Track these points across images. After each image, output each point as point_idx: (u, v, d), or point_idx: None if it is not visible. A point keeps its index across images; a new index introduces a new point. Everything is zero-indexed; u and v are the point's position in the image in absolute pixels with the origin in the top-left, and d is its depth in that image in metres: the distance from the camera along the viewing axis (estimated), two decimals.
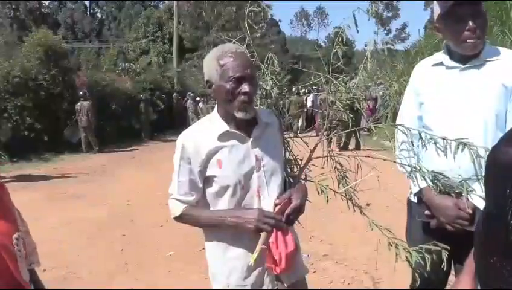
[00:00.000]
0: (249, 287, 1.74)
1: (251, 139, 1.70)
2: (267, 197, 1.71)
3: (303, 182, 1.85)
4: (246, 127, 1.70)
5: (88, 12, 44.75)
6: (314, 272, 3.84)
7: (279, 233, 1.64)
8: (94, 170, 9.91)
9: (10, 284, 1.17)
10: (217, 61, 1.64)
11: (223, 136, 1.67)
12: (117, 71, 18.61)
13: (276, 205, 1.69)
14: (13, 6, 38.22)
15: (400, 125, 1.82)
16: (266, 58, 1.91)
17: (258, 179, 1.70)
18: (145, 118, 15.76)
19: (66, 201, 6.98)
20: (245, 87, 1.60)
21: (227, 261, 1.74)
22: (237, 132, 1.69)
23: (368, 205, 1.83)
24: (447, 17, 1.80)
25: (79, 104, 12.26)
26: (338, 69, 1.89)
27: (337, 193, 1.84)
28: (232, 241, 1.72)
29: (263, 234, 1.64)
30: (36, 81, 12.33)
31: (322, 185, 1.77)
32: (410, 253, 1.70)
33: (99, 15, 45.72)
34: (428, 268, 1.67)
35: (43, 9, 40.03)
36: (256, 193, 1.70)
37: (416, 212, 1.96)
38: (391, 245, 1.73)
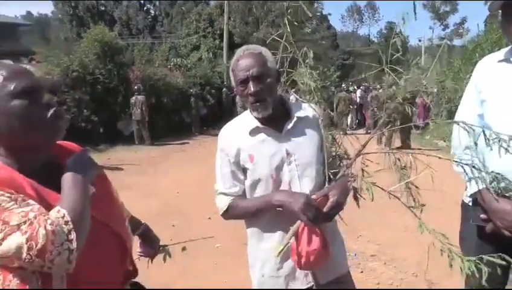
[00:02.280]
0: (282, 279, 1.75)
1: (282, 133, 1.73)
2: (298, 191, 1.71)
3: (346, 179, 1.80)
4: (277, 122, 1.74)
5: (142, 9, 46.09)
6: (361, 272, 3.78)
7: (306, 229, 1.63)
8: (145, 162, 10.24)
9: (127, 262, 1.36)
10: (231, 67, 1.75)
11: (254, 132, 1.74)
12: (169, 66, 19.06)
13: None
14: (72, 4, 40.09)
15: (461, 121, 1.73)
16: (301, 53, 1.89)
17: (289, 172, 1.72)
18: (195, 113, 16.05)
19: (118, 191, 7.23)
20: (250, 88, 1.66)
21: (261, 252, 1.79)
22: (267, 127, 1.73)
23: (422, 205, 1.75)
24: (502, 14, 1.72)
25: (134, 98, 12.66)
26: (391, 63, 1.82)
27: (386, 191, 1.77)
28: (267, 232, 1.76)
29: (292, 228, 1.64)
30: (93, 75, 12.86)
31: (368, 183, 1.72)
32: (465, 262, 1.61)
33: (152, 11, 47.02)
34: (483, 280, 1.57)
35: (100, 7, 41.68)
36: (288, 186, 1.72)
37: (471, 215, 1.86)
38: (443, 251, 1.65)
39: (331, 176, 1.77)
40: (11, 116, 1.09)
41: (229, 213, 1.81)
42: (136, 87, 12.94)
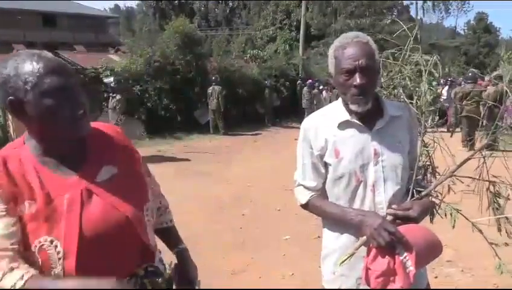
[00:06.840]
0: (353, 279, 1.69)
1: (372, 131, 1.65)
2: (382, 193, 1.64)
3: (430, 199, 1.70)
4: (369, 119, 1.65)
5: (221, 1, 46.91)
6: (436, 277, 3.59)
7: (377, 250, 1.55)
8: (219, 151, 10.51)
9: (140, 248, 1.34)
10: (333, 53, 1.64)
11: (343, 125, 1.66)
12: (245, 58, 19.27)
13: (389, 214, 1.59)
14: None
15: None
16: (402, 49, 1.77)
17: (374, 173, 1.63)
18: (268, 104, 16.13)
19: (191, 177, 7.50)
20: (356, 80, 1.56)
21: (338, 248, 1.73)
22: (358, 122, 1.65)
23: (506, 244, 1.62)
24: None
25: (211, 88, 13.00)
26: (478, 59, 1.69)
27: (470, 221, 1.65)
28: (345, 228, 1.70)
29: (361, 239, 1.58)
30: (173, 66, 13.41)
31: (454, 209, 1.61)
32: None
33: (230, 3, 47.66)
34: None
35: None
36: (371, 187, 1.64)
37: None
38: None
39: (415, 192, 1.66)
40: (43, 111, 1.18)
41: (307, 208, 1.79)
42: (213, 77, 13.28)
